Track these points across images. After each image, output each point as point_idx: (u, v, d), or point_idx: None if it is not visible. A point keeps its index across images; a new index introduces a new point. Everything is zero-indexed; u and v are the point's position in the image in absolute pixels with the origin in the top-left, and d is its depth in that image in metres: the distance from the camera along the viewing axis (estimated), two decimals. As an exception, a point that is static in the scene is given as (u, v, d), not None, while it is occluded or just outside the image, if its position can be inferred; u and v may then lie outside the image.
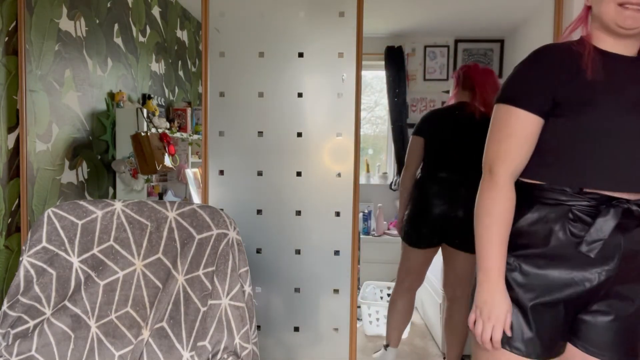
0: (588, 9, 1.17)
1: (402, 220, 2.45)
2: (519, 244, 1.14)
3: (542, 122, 1.11)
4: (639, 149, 1.06)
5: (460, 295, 2.29)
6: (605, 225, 1.06)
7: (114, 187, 2.75)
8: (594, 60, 1.09)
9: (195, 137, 3.35)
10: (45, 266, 1.43)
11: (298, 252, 1.98)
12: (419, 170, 2.41)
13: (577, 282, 1.08)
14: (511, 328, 1.11)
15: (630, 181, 1.07)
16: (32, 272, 1.42)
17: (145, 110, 2.78)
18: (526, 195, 1.15)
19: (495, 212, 1.11)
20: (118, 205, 1.47)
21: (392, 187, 4.10)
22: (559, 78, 1.09)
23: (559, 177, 1.11)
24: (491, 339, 1.11)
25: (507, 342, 1.11)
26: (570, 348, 1.17)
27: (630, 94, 1.06)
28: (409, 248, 2.39)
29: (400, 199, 2.48)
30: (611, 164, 1.07)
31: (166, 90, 3.41)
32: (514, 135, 1.11)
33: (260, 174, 1.98)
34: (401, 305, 2.48)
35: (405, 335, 3.17)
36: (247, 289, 1.41)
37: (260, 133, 1.98)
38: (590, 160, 1.08)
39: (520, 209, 1.14)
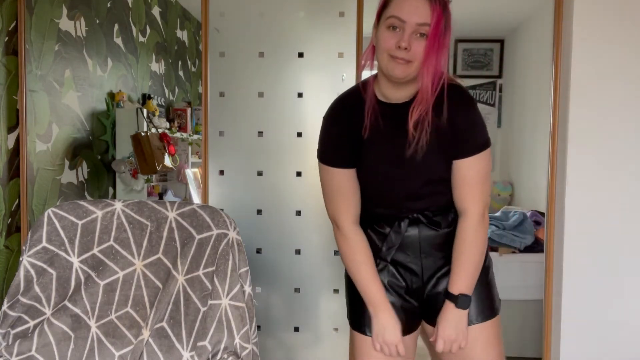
0: (374, 47, 1.21)
1: None
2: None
3: (354, 170, 1.25)
4: (401, 189, 1.23)
5: None
6: (395, 235, 1.25)
7: (114, 187, 2.75)
8: (373, 113, 1.21)
9: (195, 137, 3.35)
10: (45, 266, 1.43)
11: (298, 252, 1.98)
12: None
13: (398, 279, 1.28)
14: (360, 321, 1.29)
15: (403, 212, 1.25)
16: (32, 272, 1.42)
17: (145, 110, 2.78)
18: None
19: (354, 258, 1.26)
20: (118, 205, 1.47)
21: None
22: (348, 134, 1.23)
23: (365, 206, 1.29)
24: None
25: (362, 328, 1.30)
26: (424, 324, 1.34)
27: (390, 146, 1.21)
28: None
29: None
30: (383, 202, 1.26)
31: (166, 90, 3.41)
32: (338, 189, 1.25)
33: (260, 174, 1.98)
34: None
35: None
36: (247, 289, 1.41)
37: (260, 133, 1.98)
38: (370, 197, 1.27)
39: None
